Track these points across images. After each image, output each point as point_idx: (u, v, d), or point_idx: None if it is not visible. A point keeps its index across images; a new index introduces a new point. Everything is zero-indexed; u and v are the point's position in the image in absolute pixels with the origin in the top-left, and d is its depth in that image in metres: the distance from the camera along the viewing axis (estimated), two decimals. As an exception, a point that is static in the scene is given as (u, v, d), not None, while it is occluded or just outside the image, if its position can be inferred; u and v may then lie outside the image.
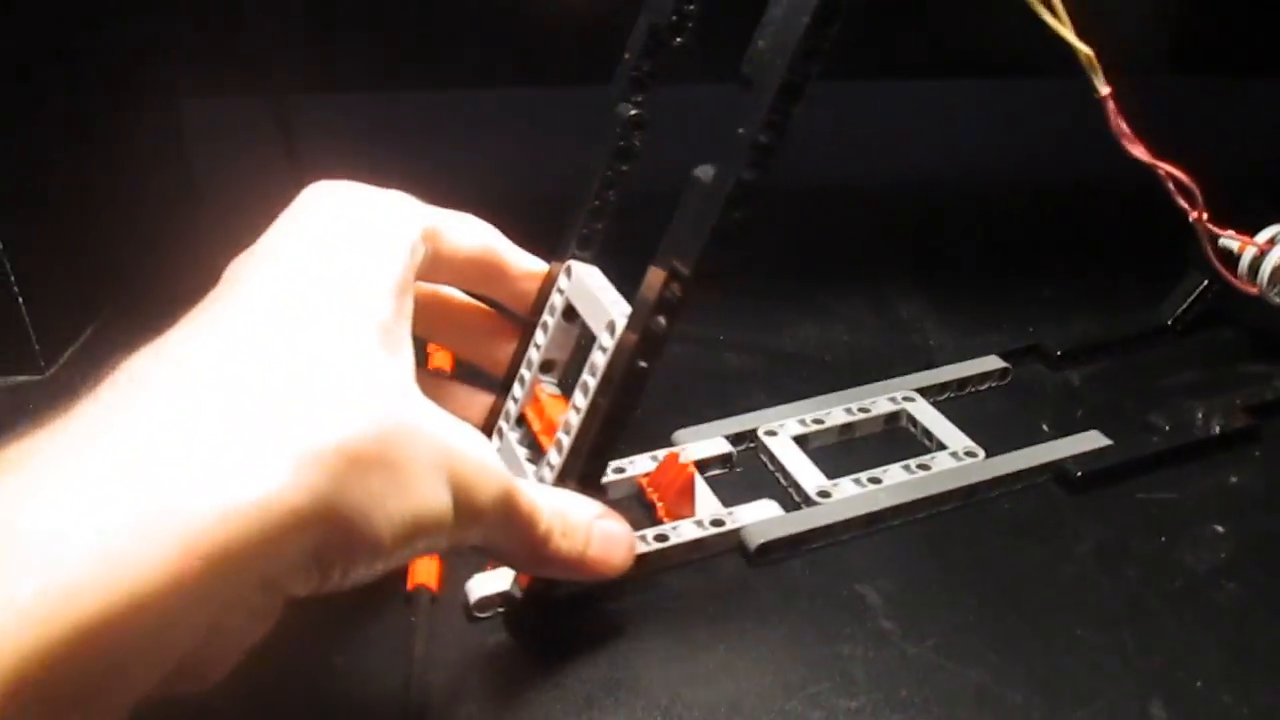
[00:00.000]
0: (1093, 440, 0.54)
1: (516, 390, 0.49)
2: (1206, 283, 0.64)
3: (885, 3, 0.82)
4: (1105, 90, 0.52)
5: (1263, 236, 0.60)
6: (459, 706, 0.41)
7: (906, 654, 0.44)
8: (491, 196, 0.50)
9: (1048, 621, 0.45)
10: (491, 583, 0.46)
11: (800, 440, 0.55)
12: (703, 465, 0.54)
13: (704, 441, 0.55)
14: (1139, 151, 0.53)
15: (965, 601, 0.46)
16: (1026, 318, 0.70)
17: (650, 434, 0.56)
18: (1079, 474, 0.52)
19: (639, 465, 0.53)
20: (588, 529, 0.41)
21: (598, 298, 0.43)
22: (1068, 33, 0.49)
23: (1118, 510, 0.52)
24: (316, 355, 0.32)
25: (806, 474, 0.52)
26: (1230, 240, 0.60)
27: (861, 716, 0.41)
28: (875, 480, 0.52)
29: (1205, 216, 0.56)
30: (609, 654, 0.44)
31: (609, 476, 0.52)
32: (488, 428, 0.50)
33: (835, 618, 0.45)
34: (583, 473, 0.42)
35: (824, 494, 0.51)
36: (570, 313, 0.46)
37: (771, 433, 0.55)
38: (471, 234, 0.44)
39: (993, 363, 0.62)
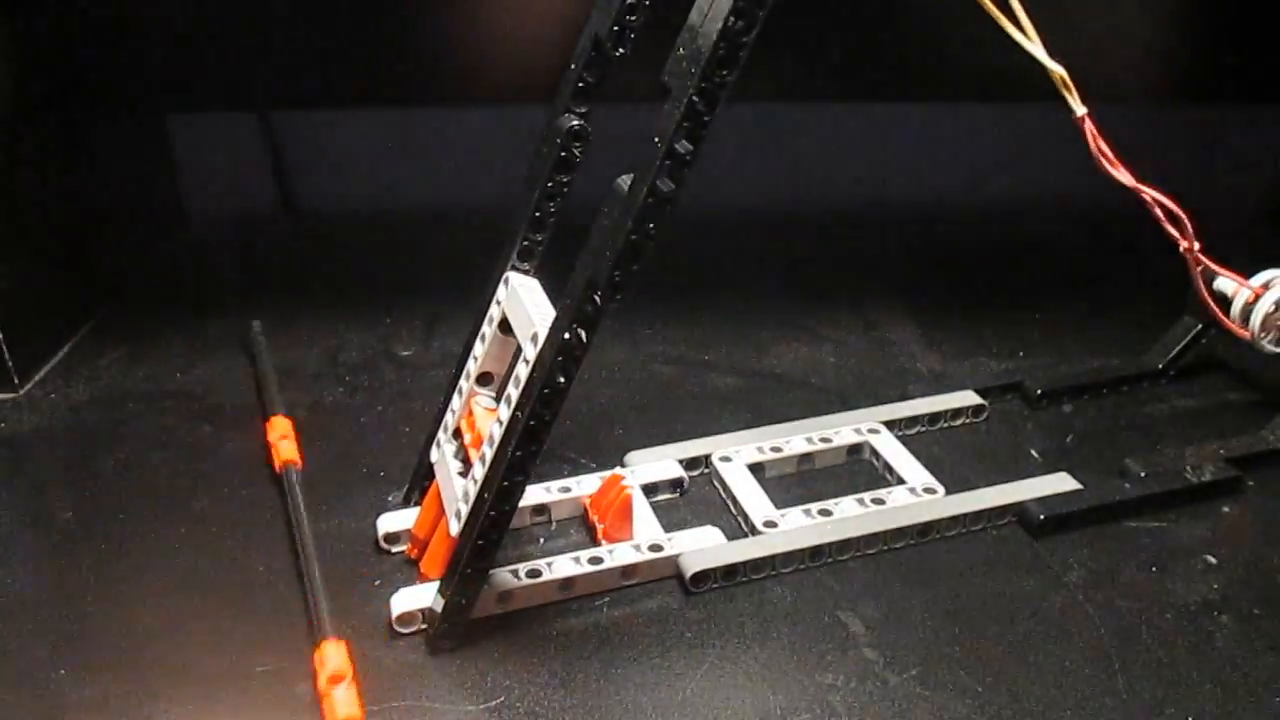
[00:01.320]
0: (1061, 483, 0.52)
1: (455, 402, 0.48)
2: (1200, 327, 0.62)
3: (875, 25, 0.81)
4: (1081, 110, 0.50)
5: (1257, 281, 0.57)
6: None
7: (889, 684, 0.42)
8: (472, 209, 0.50)
9: (1035, 654, 0.43)
10: (413, 598, 0.45)
11: (756, 468, 0.53)
12: (652, 489, 0.53)
13: (655, 464, 0.54)
14: (1122, 175, 0.51)
15: (950, 631, 0.45)
16: (1017, 345, 0.68)
17: (613, 453, 0.56)
18: (1042, 517, 0.50)
19: (586, 485, 0.52)
20: None
21: (528, 310, 0.43)
22: (1038, 50, 0.47)
23: (1107, 539, 0.50)
24: None
25: (756, 502, 0.51)
26: (1225, 282, 0.58)
27: (843, 747, 0.39)
28: (826, 513, 0.50)
29: (1196, 246, 0.54)
30: (580, 680, 0.43)
31: (554, 496, 0.51)
32: (428, 439, 0.49)
33: (816, 645, 0.44)
34: (500, 487, 0.41)
35: (770, 524, 0.49)
36: (506, 324, 0.45)
37: (726, 458, 0.54)
38: None
39: (969, 398, 0.60)
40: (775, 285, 0.78)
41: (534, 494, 0.51)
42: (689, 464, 0.54)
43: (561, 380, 0.39)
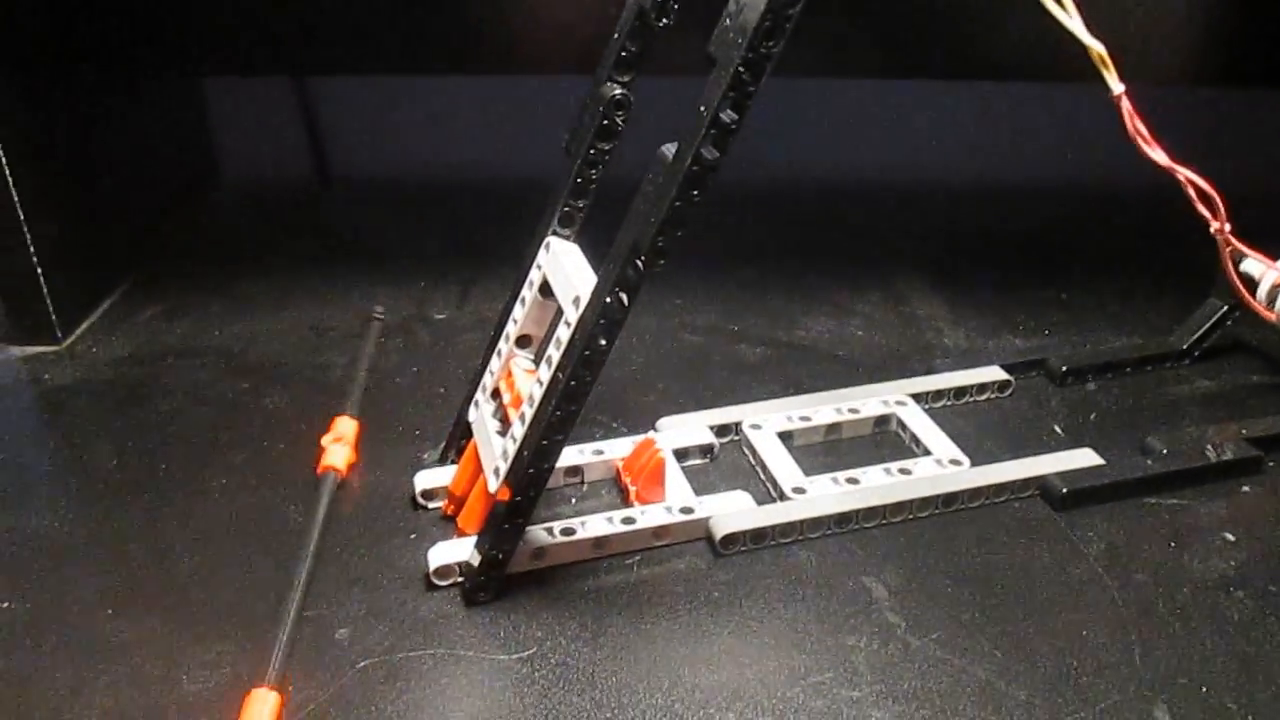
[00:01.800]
0: (1085, 458, 0.53)
1: (494, 363, 0.49)
2: (1225, 309, 0.62)
3: (911, 2, 0.81)
4: (1119, 89, 0.50)
5: (1286, 263, 0.58)
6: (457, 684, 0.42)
7: (910, 647, 0.43)
8: (506, 178, 0.50)
9: (1053, 622, 0.45)
10: (450, 551, 0.46)
11: (785, 436, 0.54)
12: (683, 453, 0.54)
13: (687, 430, 0.55)
14: (1157, 155, 0.51)
15: (971, 598, 0.46)
16: (1045, 321, 0.69)
17: (644, 418, 0.57)
18: (1064, 490, 0.51)
19: (618, 448, 0.53)
20: None
21: (569, 274, 0.44)
22: (1078, 27, 0.47)
23: (1127, 514, 0.51)
24: None
25: (785, 469, 0.52)
26: (1253, 264, 0.58)
27: (863, 707, 0.40)
28: (853, 481, 0.51)
29: (1228, 228, 0.54)
30: (611, 634, 0.44)
31: (588, 458, 0.53)
32: (466, 398, 0.51)
33: (840, 608, 0.45)
34: (539, 445, 0.42)
35: (799, 490, 0.50)
36: (546, 288, 0.46)
37: (756, 426, 0.55)
38: None
39: (994, 373, 0.60)
40: (806, 258, 0.78)
41: (568, 455, 0.52)
42: (719, 430, 0.55)
43: (603, 343, 0.40)
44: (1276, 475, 0.54)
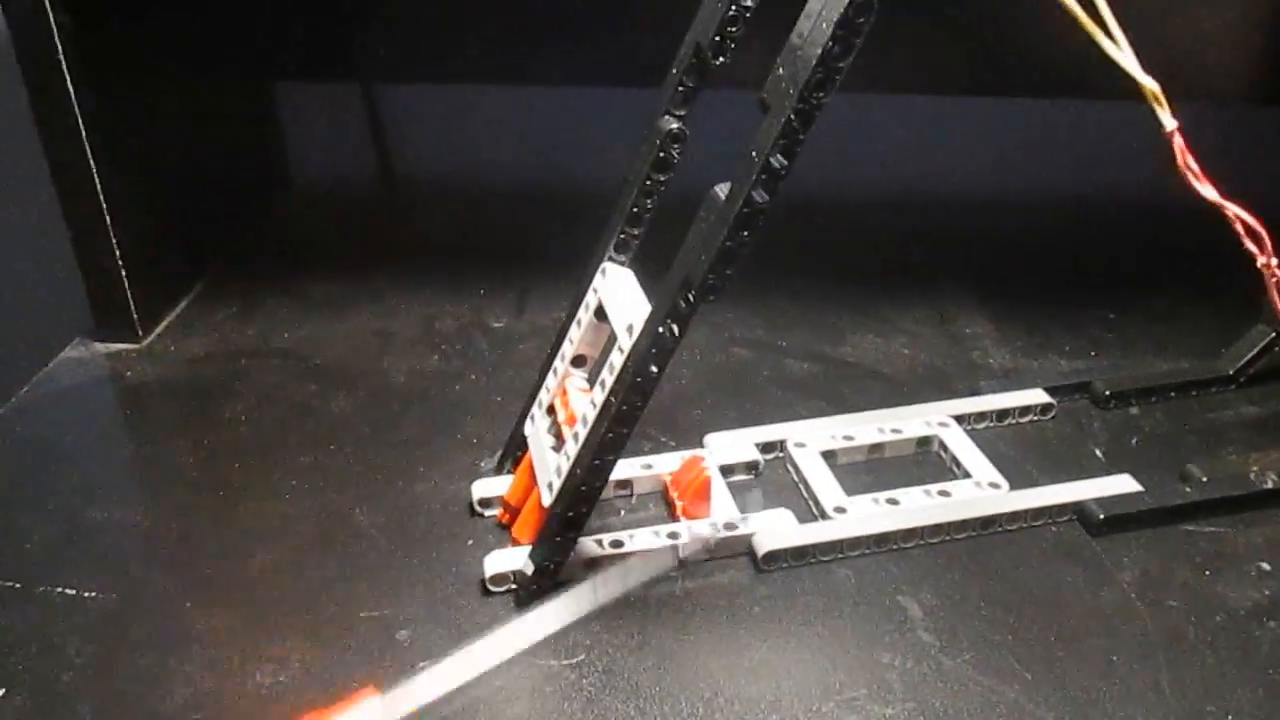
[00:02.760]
0: (1123, 484, 0.54)
1: (550, 381, 0.51)
2: (1273, 336, 0.63)
3: (956, 20, 0.82)
4: (1172, 125, 0.51)
5: (1333, 295, 0.58)
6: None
7: (943, 666, 0.45)
8: (566, 187, 0.52)
9: (1084, 646, 0.46)
10: (505, 560, 0.48)
11: (828, 455, 0.56)
12: (729, 470, 0.56)
13: (733, 447, 0.57)
14: (1207, 191, 0.52)
15: (1004, 619, 0.47)
16: (1090, 342, 0.70)
17: (692, 433, 0.59)
18: (1101, 516, 0.52)
19: (666, 463, 0.55)
20: None
21: (623, 300, 0.46)
22: (1131, 64, 0.48)
23: (1163, 541, 0.52)
24: None
25: (827, 488, 0.53)
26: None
27: (896, 724, 0.42)
28: (893, 502, 0.53)
29: (1275, 263, 0.55)
30: (655, 644, 0.46)
31: (636, 471, 0.55)
32: (522, 412, 0.53)
33: (876, 626, 0.47)
34: (591, 465, 0.44)
35: (840, 509, 0.52)
36: (601, 312, 0.48)
37: (800, 444, 0.57)
38: None
39: (1037, 396, 0.61)
40: (853, 274, 0.80)
41: (619, 469, 0.53)
42: (764, 447, 0.57)
43: (654, 370, 0.42)
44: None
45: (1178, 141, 0.51)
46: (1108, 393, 0.62)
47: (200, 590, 0.49)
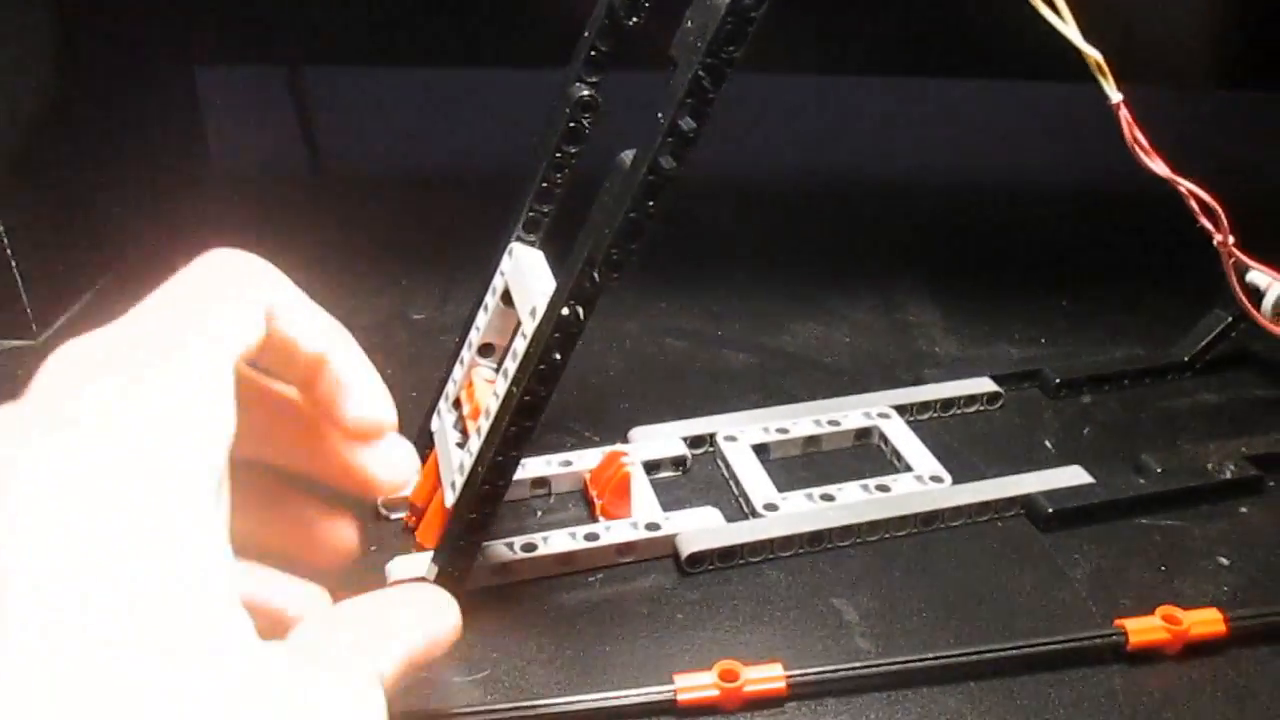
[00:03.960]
0: (1074, 476, 0.51)
1: (456, 372, 0.48)
2: (1230, 320, 0.60)
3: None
4: (1117, 97, 0.48)
5: (1292, 274, 0.56)
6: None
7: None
8: (498, 173, 0.49)
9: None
10: (409, 566, 0.45)
11: (760, 449, 0.53)
12: (654, 466, 0.52)
13: (658, 441, 0.53)
14: (1156, 166, 0.49)
15: (946, 622, 0.44)
16: (1042, 330, 0.67)
17: (619, 428, 0.55)
18: (1050, 510, 0.49)
19: (587, 459, 0.51)
20: None
21: (529, 283, 0.42)
22: (1073, 34, 0.46)
23: (1117, 535, 0.49)
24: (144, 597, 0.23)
25: (758, 484, 0.50)
26: (1259, 275, 0.56)
27: (829, 736, 0.39)
28: (828, 498, 0.49)
29: (1231, 240, 0.52)
30: (569, 655, 0.42)
31: (554, 469, 0.51)
32: (430, 407, 0.49)
33: (809, 632, 0.44)
34: (494, 461, 0.40)
35: (771, 507, 0.49)
36: (508, 296, 0.45)
37: (731, 438, 0.53)
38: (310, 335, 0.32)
39: (984, 385, 0.58)
40: (795, 261, 0.76)
41: (534, 466, 0.50)
42: (693, 441, 0.54)
43: (558, 357, 0.38)
44: (1277, 496, 0.52)
45: (1124, 114, 0.48)
46: (1058, 381, 0.59)
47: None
